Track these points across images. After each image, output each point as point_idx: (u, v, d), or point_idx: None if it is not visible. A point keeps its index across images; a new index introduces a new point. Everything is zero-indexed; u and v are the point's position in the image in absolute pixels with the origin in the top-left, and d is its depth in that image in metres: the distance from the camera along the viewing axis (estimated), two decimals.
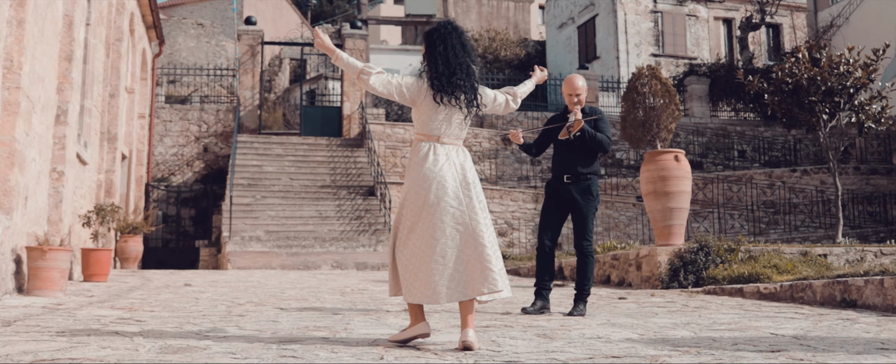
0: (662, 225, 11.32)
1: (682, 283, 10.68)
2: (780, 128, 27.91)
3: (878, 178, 25.60)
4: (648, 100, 11.76)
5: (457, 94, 4.97)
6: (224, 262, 17.06)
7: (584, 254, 7.23)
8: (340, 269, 16.77)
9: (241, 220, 18.61)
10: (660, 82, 11.98)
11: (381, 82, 4.99)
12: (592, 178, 7.28)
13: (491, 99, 5.33)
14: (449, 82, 4.96)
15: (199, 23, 38.46)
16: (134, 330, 5.57)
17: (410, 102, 5.06)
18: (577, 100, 7.29)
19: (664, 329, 5.99)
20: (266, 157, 22.09)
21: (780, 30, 35.77)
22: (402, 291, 4.94)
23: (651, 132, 11.80)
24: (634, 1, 33.93)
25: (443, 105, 4.97)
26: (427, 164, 4.94)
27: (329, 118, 25.17)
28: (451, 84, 4.96)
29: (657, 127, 11.86)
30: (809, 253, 11.49)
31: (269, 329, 5.74)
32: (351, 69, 5.01)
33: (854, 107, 16.28)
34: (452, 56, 5.01)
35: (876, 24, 27.15)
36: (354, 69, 5.00)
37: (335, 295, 9.48)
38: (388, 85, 5.00)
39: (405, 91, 5.01)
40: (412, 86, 5.03)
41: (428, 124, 5.00)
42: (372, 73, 4.98)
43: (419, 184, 4.93)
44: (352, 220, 19.44)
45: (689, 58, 33.59)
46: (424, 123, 5.02)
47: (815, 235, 22.64)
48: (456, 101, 4.97)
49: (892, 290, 7.44)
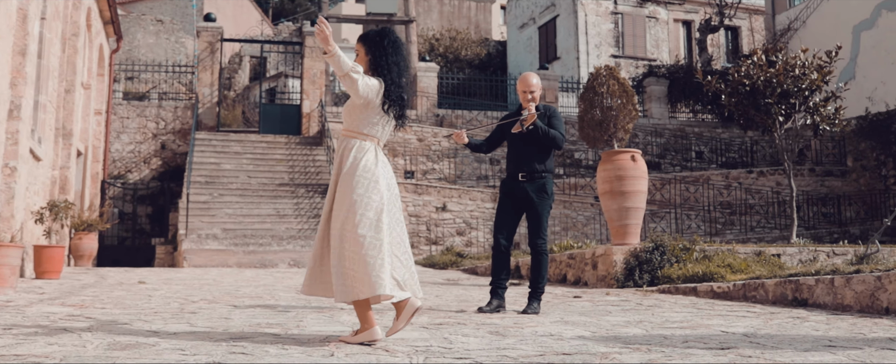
0: (618, 224, 11.39)
1: (638, 282, 10.75)
2: (737, 129, 28.18)
3: (833, 180, 25.94)
4: (606, 100, 11.82)
5: (398, 107, 5.22)
6: (180, 260, 16.92)
7: (539, 252, 7.25)
8: (298, 267, 16.70)
9: (198, 218, 18.46)
10: (617, 82, 12.05)
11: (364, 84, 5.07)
12: (547, 177, 7.30)
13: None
14: (397, 94, 5.19)
15: (159, 19, 38.08)
16: (82, 326, 5.50)
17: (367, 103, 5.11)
18: (532, 97, 7.31)
19: (616, 327, 6.02)
20: (224, 155, 21.94)
21: (739, 32, 36.13)
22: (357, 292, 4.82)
23: (608, 132, 11.86)
24: (595, 2, 34.12)
25: (386, 113, 5.15)
26: (379, 165, 5.07)
27: (288, 116, 25.05)
28: (399, 96, 5.20)
29: (614, 127, 11.92)
30: (763, 253, 11.61)
31: (220, 326, 5.70)
32: (339, 67, 4.98)
33: (809, 108, 16.46)
34: (404, 66, 5.23)
35: (832, 28, 27.51)
36: (343, 68, 4.97)
37: (290, 293, 9.44)
38: (367, 87, 5.08)
39: (370, 92, 5.10)
40: (375, 89, 5.12)
41: (371, 126, 5.14)
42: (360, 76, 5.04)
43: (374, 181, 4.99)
44: (310, 218, 19.35)
45: (648, 59, 33.85)
46: (368, 124, 5.13)
47: (771, 236, 22.90)
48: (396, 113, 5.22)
49: (841, 289, 7.54)
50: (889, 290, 7.08)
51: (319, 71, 24.88)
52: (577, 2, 33.92)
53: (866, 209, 25.33)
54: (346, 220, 4.89)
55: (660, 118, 28.27)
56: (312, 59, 24.87)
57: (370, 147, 5.09)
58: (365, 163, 5.03)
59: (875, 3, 26.55)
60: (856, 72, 25.38)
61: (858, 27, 26.92)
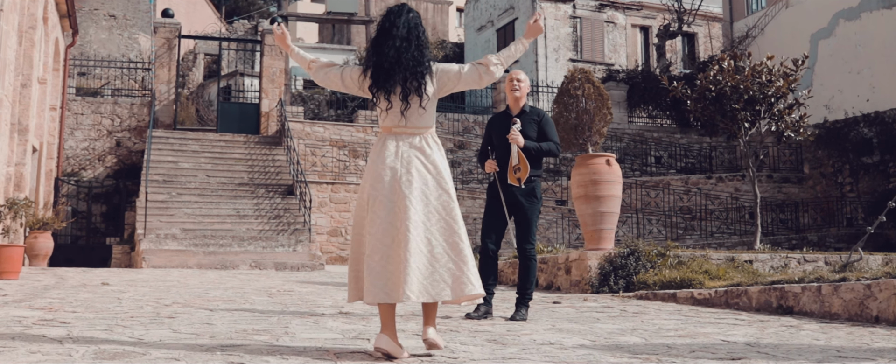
0: (593, 229, 11.26)
1: (613, 287, 10.63)
2: (696, 135, 28.33)
3: (790, 187, 26.16)
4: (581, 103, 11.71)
5: (390, 87, 4.71)
6: (138, 261, 16.51)
7: (527, 257, 7.08)
8: (259, 268, 16.39)
9: (157, 218, 18.05)
10: (593, 86, 11.93)
11: (322, 75, 4.92)
12: (536, 181, 7.13)
13: (454, 75, 4.91)
14: (378, 74, 4.73)
15: (112, 14, 37.42)
16: (61, 333, 5.22)
17: (359, 92, 4.90)
18: (518, 86, 7.15)
19: (613, 335, 5.87)
20: (182, 154, 21.52)
21: (696, 39, 36.35)
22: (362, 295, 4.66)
23: (583, 136, 11.75)
24: (554, 6, 34.13)
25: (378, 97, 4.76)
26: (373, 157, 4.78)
27: (247, 115, 24.66)
28: (387, 75, 4.71)
29: (589, 130, 11.82)
30: (736, 259, 11.57)
31: (205, 332, 5.44)
32: (301, 61, 4.96)
33: (774, 115, 16.50)
34: (391, 45, 4.72)
35: (790, 36, 27.76)
36: (303, 62, 4.95)
37: (262, 296, 9.18)
38: (328, 75, 4.91)
39: (342, 81, 4.89)
40: (354, 74, 4.86)
41: (380, 115, 4.83)
42: (316, 66, 4.92)
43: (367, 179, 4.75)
44: (270, 219, 19.03)
45: (606, 64, 33.92)
46: (380, 116, 4.85)
47: (730, 241, 23.00)
48: (390, 94, 4.72)
49: (829, 297, 7.46)
50: (879, 299, 7.02)
51: (279, 69, 24.53)
52: (536, 5, 33.91)
53: (823, 216, 25.57)
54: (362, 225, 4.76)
55: (619, 123, 28.30)
56: (272, 58, 24.52)
57: (379, 140, 4.83)
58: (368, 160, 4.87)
59: (833, 12, 26.84)
60: (813, 80, 25.61)
61: (816, 35, 27.20)
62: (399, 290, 4.44)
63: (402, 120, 4.74)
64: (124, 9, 39.04)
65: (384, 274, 4.50)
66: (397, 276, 4.47)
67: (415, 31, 4.79)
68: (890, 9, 25.19)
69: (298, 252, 17.56)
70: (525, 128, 7.07)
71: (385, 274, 4.51)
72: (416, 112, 4.74)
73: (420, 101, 4.73)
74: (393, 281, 4.49)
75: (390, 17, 4.81)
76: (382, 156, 4.71)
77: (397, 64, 4.69)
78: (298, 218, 19.14)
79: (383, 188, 4.64)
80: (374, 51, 4.77)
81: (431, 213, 4.63)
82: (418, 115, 4.75)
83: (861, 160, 25.38)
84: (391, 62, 4.69)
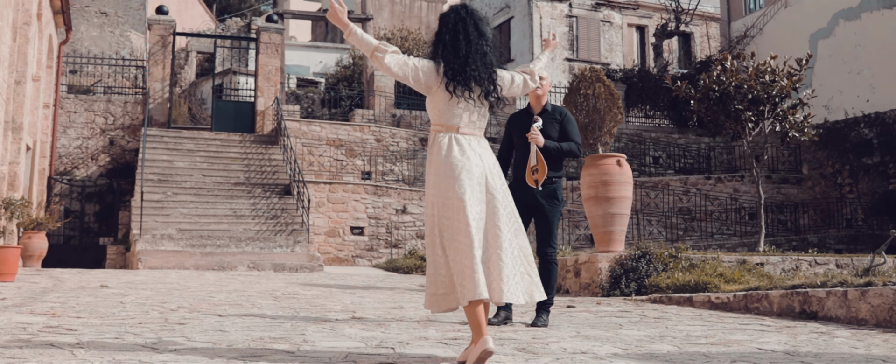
0: (603, 231, 11.04)
1: (624, 290, 10.42)
2: (694, 135, 28.16)
3: (789, 188, 26.00)
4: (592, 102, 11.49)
5: (470, 85, 4.64)
6: (134, 262, 16.22)
7: (549, 261, 6.85)
8: (257, 270, 16.12)
9: (152, 218, 17.76)
10: (603, 85, 11.72)
11: (396, 63, 4.63)
12: (558, 182, 6.90)
13: (508, 82, 4.96)
14: (462, 72, 4.62)
15: (103, 11, 37.02)
16: (70, 341, 4.97)
17: (425, 89, 4.70)
18: (540, 83, 6.91)
19: (643, 342, 5.65)
20: (177, 152, 21.22)
21: (692, 38, 36.21)
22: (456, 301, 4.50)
23: (594, 136, 11.53)
24: (550, 5, 33.93)
25: (452, 94, 4.63)
26: (454, 154, 4.55)
27: (242, 113, 24.37)
28: (465, 74, 4.63)
29: (600, 130, 11.60)
30: (747, 261, 11.38)
31: (221, 340, 5.20)
32: (365, 46, 4.64)
33: (777, 115, 16.33)
34: (465, 43, 4.66)
35: (789, 36, 27.59)
36: (369, 46, 4.62)
37: (267, 300, 8.92)
38: (404, 66, 4.63)
39: (421, 75, 4.65)
40: (429, 71, 4.66)
41: (445, 114, 4.65)
42: (387, 52, 4.62)
43: (446, 177, 4.51)
44: (268, 219, 18.76)
45: (602, 63, 33.68)
46: (441, 113, 4.67)
47: (730, 243, 22.82)
48: (470, 93, 4.65)
49: (856, 302, 7.26)
50: None
51: (274, 68, 24.25)
52: (532, 4, 33.71)
53: (822, 217, 25.42)
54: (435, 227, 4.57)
55: None
56: (267, 56, 24.23)
57: (444, 138, 4.63)
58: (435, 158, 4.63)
59: (832, 12, 26.69)
60: (813, 80, 25.44)
61: (815, 35, 27.04)
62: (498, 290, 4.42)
63: (477, 120, 4.72)
64: (115, 6, 38.64)
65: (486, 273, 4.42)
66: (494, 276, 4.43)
67: (489, 33, 4.79)
68: (890, 9, 25.05)
69: (297, 253, 17.30)
70: (546, 127, 6.84)
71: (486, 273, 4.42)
72: (485, 114, 4.77)
73: (493, 104, 4.77)
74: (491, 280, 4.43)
75: (468, 16, 4.73)
76: (460, 154, 4.56)
77: (483, 64, 4.67)
78: (296, 218, 18.87)
79: (473, 186, 4.51)
80: (454, 48, 4.64)
81: (510, 216, 4.63)
82: (484, 117, 4.78)
83: (861, 161, 25.23)
84: (476, 62, 4.64)
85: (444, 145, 4.60)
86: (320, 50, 44.05)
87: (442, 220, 4.49)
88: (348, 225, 20.79)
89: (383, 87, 26.86)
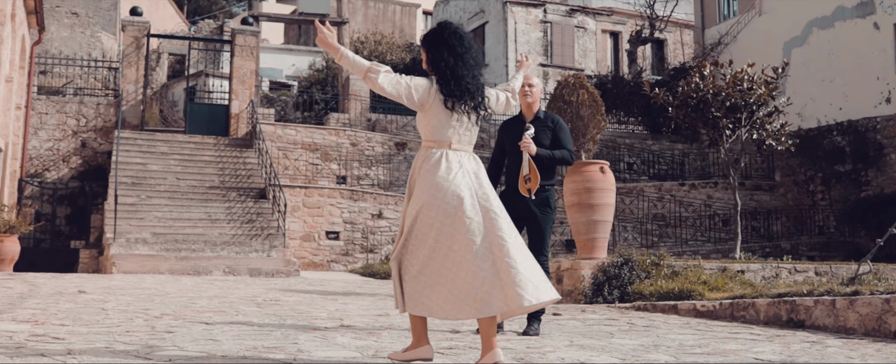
0: (586, 238, 11.00)
1: (607, 297, 10.39)
2: (668, 141, 28.26)
3: (761, 194, 26.16)
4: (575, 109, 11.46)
5: (467, 100, 4.75)
6: (108, 266, 16.02)
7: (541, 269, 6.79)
8: (233, 274, 15.97)
9: (126, 221, 17.55)
10: (587, 92, 11.71)
11: (389, 82, 4.66)
12: (550, 190, 6.85)
13: (494, 99, 5.09)
14: (459, 87, 4.71)
15: (74, 12, 36.64)
16: (59, 349, 4.87)
17: (418, 106, 4.75)
18: (529, 91, 6.89)
19: (639, 352, 5.62)
20: (150, 155, 21.00)
21: (665, 45, 36.38)
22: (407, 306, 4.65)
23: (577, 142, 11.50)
24: (525, 10, 33.99)
25: (453, 111, 4.72)
26: (440, 171, 4.63)
27: (216, 116, 24.17)
28: (461, 89, 4.72)
29: (583, 137, 11.57)
30: (729, 269, 11.40)
31: (214, 350, 5.11)
32: (357, 68, 4.67)
33: (754, 123, 16.40)
34: (460, 60, 4.74)
35: (763, 44, 27.76)
36: (361, 68, 4.66)
37: (251, 306, 8.82)
38: (397, 86, 4.67)
39: (415, 93, 4.70)
40: (422, 88, 4.72)
41: (438, 130, 4.72)
42: (380, 73, 4.65)
43: (435, 193, 4.58)
44: (243, 223, 18.60)
45: (576, 69, 33.74)
46: (434, 129, 4.73)
47: (704, 249, 22.91)
48: (466, 107, 4.75)
49: (844, 311, 7.27)
50: None
51: (249, 70, 24.08)
52: (506, 9, 33.76)
53: (794, 224, 25.59)
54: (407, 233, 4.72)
55: None
56: (242, 58, 24.06)
57: (437, 153, 4.70)
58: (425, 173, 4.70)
59: (806, 20, 26.89)
60: (786, 88, 25.59)
61: (789, 44, 27.23)
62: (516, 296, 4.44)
63: (466, 136, 4.80)
64: (86, 6, 38.24)
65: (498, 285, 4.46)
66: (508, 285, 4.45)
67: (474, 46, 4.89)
68: (863, 18, 25.28)
69: (273, 258, 17.16)
70: (538, 135, 6.79)
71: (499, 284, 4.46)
72: (475, 130, 4.84)
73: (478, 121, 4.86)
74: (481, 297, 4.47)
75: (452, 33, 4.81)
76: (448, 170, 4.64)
77: (475, 82, 4.78)
78: (272, 222, 18.73)
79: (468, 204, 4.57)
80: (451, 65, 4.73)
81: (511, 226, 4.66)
82: (474, 133, 4.85)
83: (833, 168, 25.44)
84: (470, 79, 4.74)
85: (436, 161, 4.66)
86: (293, 53, 43.86)
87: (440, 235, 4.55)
88: (324, 229, 20.66)
89: (359, 91, 26.76)
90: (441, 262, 4.53)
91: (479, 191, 4.65)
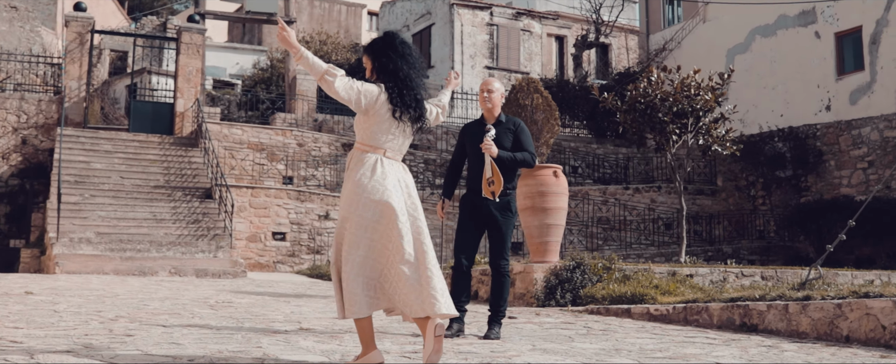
0: (539, 241, 11.08)
1: (559, 301, 10.47)
2: (612, 145, 28.54)
3: (704, 199, 26.53)
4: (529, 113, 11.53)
5: (413, 111, 4.89)
6: (51, 266, 15.73)
7: (501, 273, 6.83)
8: (179, 275, 15.77)
9: (69, 221, 17.25)
10: (541, 96, 11.78)
11: (344, 86, 4.74)
12: (512, 194, 6.89)
13: (430, 114, 5.27)
14: (409, 97, 4.86)
15: (13, 6, 35.91)
16: (24, 359, 4.76)
17: (362, 111, 4.82)
18: (489, 97, 6.93)
19: (602, 356, 5.67)
20: (94, 153, 20.66)
21: (610, 49, 36.74)
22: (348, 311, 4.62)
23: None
24: (471, 13, 34.07)
25: (398, 120, 4.84)
26: (376, 176, 4.73)
27: (160, 114, 23.85)
28: (412, 99, 4.87)
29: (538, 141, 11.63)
30: (678, 273, 11.54)
31: (179, 354, 5.05)
32: (315, 69, 4.70)
33: (700, 129, 16.62)
34: (412, 71, 4.90)
35: (706, 50, 28.17)
36: (319, 70, 4.70)
37: (204, 308, 8.73)
38: (350, 90, 4.75)
39: (363, 99, 4.79)
40: (372, 95, 4.80)
41: (377, 136, 4.82)
42: (337, 77, 4.72)
43: (368, 196, 4.68)
44: (189, 223, 18.38)
45: (522, 72, 33.94)
46: (373, 135, 4.82)
47: (648, 252, 23.17)
48: (410, 118, 4.89)
49: (797, 316, 7.40)
50: (850, 319, 6.97)
51: (195, 69, 23.81)
52: (453, 11, 33.81)
53: (735, 228, 25.98)
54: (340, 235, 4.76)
55: None
56: (188, 56, 23.78)
57: (372, 158, 4.79)
58: (360, 178, 4.76)
59: (749, 28, 27.33)
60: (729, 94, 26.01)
61: (732, 51, 27.66)
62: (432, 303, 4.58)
63: (401, 146, 4.92)
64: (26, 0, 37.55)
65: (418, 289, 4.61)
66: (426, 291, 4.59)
67: (420, 58, 5.05)
68: (805, 27, 25.77)
69: (219, 258, 16.99)
70: (500, 137, 6.83)
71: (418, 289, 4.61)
72: (408, 142, 4.99)
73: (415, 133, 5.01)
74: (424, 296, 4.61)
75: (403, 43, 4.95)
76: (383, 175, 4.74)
77: (418, 92, 4.92)
78: (218, 223, 18.54)
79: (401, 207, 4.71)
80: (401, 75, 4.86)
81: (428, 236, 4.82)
82: (407, 144, 5.00)
83: (774, 174, 25.88)
84: (414, 89, 4.89)
85: (371, 166, 4.75)
86: (237, 51, 43.49)
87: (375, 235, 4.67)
88: (270, 230, 20.51)
89: (306, 91, 26.61)
90: (376, 259, 4.66)
91: (408, 200, 4.79)
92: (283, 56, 35.30)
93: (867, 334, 6.81)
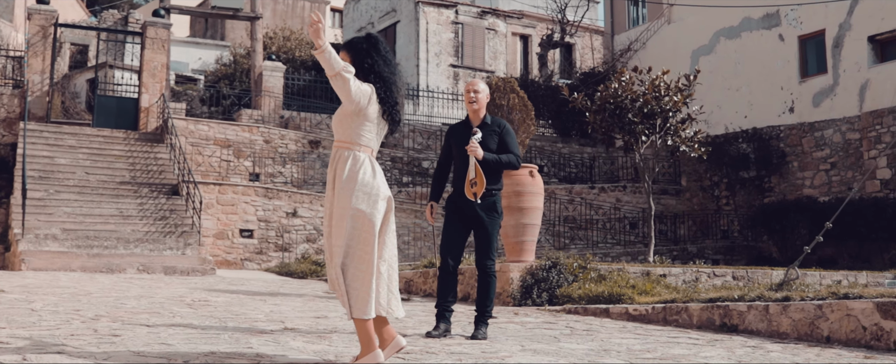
0: (515, 241, 11.10)
1: (536, 300, 10.50)
2: (577, 144, 28.69)
3: (668, 199, 26.74)
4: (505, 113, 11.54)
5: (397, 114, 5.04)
6: (16, 263, 15.49)
7: (488, 273, 6.84)
8: (148, 273, 15.60)
9: (35, 217, 17.00)
10: (517, 96, 11.79)
11: (358, 87, 4.83)
12: (497, 195, 6.90)
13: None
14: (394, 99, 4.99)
15: None
16: (9, 356, 4.69)
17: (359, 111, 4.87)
18: (475, 98, 6.92)
19: (592, 356, 5.70)
20: (58, 149, 20.38)
21: (574, 49, 36.89)
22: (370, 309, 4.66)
23: None
24: (437, 11, 34.04)
25: (384, 120, 4.98)
26: (378, 174, 4.85)
27: (125, 110, 23.59)
28: (394, 102, 4.99)
29: None
30: (651, 273, 11.62)
31: (172, 354, 5.00)
32: (333, 65, 4.74)
33: (668, 129, 16.73)
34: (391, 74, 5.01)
35: (671, 52, 28.40)
36: (336, 67, 4.75)
37: (182, 307, 8.65)
38: (361, 92, 4.84)
39: (364, 99, 4.87)
40: (368, 94, 4.89)
41: (364, 135, 4.89)
42: (352, 74, 4.81)
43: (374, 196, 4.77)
44: (156, 220, 18.19)
45: (487, 71, 33.99)
46: (361, 133, 4.88)
47: (614, 252, 23.30)
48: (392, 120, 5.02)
49: (777, 317, 7.48)
50: (831, 320, 7.06)
51: (161, 64, 23.57)
52: (418, 9, 33.75)
53: (700, 228, 26.23)
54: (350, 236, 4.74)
55: None
56: (154, 51, 23.53)
57: (363, 157, 4.84)
58: (363, 176, 4.77)
59: (714, 30, 27.60)
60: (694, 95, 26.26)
61: (697, 52, 27.91)
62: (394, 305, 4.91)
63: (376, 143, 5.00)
64: None
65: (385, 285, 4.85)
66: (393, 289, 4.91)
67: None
68: (769, 29, 26.06)
69: (188, 256, 16.84)
70: (486, 139, 6.84)
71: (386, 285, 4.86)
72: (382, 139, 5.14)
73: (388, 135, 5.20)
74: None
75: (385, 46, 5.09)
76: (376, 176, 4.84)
77: (399, 92, 5.04)
78: (186, 220, 18.38)
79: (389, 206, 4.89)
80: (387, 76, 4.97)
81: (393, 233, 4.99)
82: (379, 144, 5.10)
83: (738, 174, 26.16)
84: (397, 90, 5.01)
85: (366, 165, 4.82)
86: (200, 46, 43.14)
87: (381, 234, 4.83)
88: (238, 227, 20.37)
89: (272, 87, 26.46)
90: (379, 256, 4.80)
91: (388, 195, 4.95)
92: (246, 52, 35.06)
93: (848, 335, 6.90)
